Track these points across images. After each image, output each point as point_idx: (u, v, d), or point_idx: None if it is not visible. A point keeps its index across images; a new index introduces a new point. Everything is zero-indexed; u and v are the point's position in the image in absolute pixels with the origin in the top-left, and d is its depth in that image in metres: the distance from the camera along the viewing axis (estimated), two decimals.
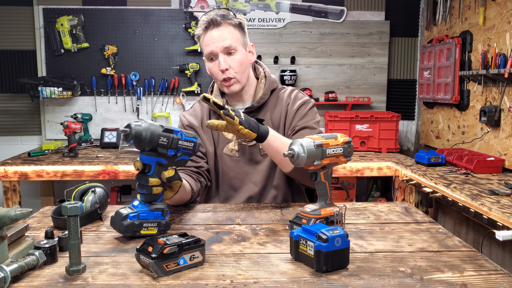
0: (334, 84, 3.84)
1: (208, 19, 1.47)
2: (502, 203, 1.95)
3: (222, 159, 1.59)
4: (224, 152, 1.58)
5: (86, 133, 3.62)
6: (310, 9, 3.74)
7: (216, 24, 1.47)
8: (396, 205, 1.47)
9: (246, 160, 1.57)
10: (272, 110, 1.60)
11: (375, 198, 3.73)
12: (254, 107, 1.56)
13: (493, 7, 2.75)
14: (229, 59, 1.48)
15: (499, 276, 0.92)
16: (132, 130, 1.06)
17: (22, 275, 0.90)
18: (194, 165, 1.53)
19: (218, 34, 1.47)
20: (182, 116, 1.66)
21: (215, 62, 1.50)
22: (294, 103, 1.58)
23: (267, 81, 1.61)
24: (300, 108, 1.57)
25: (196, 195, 1.50)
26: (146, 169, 1.13)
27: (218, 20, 1.46)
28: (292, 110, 1.57)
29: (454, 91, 3.10)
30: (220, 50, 1.47)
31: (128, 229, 1.10)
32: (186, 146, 1.16)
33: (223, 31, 1.47)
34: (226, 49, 1.47)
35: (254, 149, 1.57)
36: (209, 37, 1.47)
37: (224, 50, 1.47)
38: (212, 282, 0.89)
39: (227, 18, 1.48)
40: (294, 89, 1.65)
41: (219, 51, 1.47)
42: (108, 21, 3.64)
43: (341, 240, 0.93)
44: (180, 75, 3.72)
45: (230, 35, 1.48)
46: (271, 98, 1.61)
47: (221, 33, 1.47)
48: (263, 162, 1.57)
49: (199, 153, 1.56)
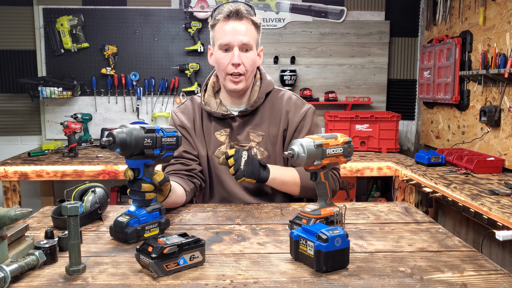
0: (334, 84, 3.84)
1: (232, 9, 1.43)
2: (502, 203, 1.95)
3: (214, 161, 1.56)
4: (216, 154, 1.56)
5: (86, 133, 3.62)
6: (310, 9, 3.74)
7: (239, 17, 1.44)
8: (396, 205, 1.47)
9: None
10: (269, 116, 1.56)
11: (375, 198, 3.73)
12: (248, 110, 1.53)
13: (493, 7, 2.75)
14: (243, 56, 1.45)
15: (499, 276, 0.92)
16: (116, 139, 1.03)
17: (22, 275, 0.90)
18: (185, 168, 1.51)
19: (239, 27, 1.44)
20: (174, 114, 1.61)
21: (228, 54, 1.45)
22: (296, 112, 1.56)
23: (262, 83, 1.57)
24: (303, 120, 1.56)
25: (191, 195, 1.49)
26: (136, 173, 1.11)
27: (243, 13, 1.44)
28: (295, 121, 1.55)
29: (454, 91, 3.10)
30: (238, 44, 1.44)
31: (132, 236, 1.09)
32: (170, 142, 1.16)
33: (244, 25, 1.44)
34: (244, 45, 1.45)
35: None
36: (230, 27, 1.44)
37: (241, 46, 1.45)
38: (212, 282, 0.89)
39: (250, 14, 1.46)
40: (292, 94, 1.62)
41: (235, 45, 1.44)
42: (108, 21, 3.64)
43: (341, 240, 0.93)
44: (180, 75, 3.72)
45: (249, 32, 1.45)
46: (267, 102, 1.58)
47: (242, 27, 1.44)
48: None
49: (190, 155, 1.54)
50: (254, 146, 1.55)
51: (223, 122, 1.56)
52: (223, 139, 1.55)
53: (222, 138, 1.55)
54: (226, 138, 1.55)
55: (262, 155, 1.55)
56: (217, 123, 1.56)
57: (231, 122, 1.55)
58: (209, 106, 1.56)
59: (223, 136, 1.55)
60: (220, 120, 1.56)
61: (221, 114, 1.53)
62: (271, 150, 1.56)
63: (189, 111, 1.60)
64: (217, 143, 1.56)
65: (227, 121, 1.55)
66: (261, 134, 1.55)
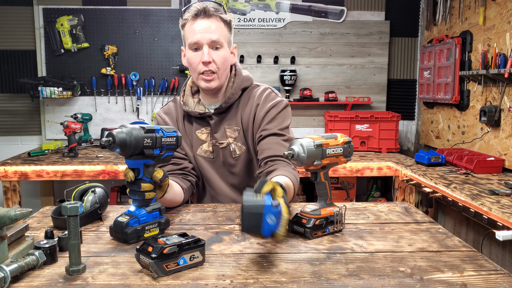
0: (334, 84, 3.84)
1: (200, 7, 1.42)
2: (502, 203, 1.95)
3: (198, 160, 1.57)
4: (198, 153, 1.56)
5: (86, 133, 3.62)
6: (310, 9, 3.74)
7: (207, 15, 1.42)
8: (396, 205, 1.47)
9: (220, 162, 1.56)
10: (242, 110, 1.54)
11: (375, 198, 3.73)
12: (222, 107, 1.52)
13: (493, 7, 2.75)
14: (214, 53, 1.44)
15: (499, 276, 0.92)
16: (116, 139, 1.03)
17: (22, 275, 0.90)
18: (177, 167, 1.52)
19: (208, 25, 1.42)
20: (158, 116, 1.62)
21: (198, 53, 1.44)
22: (264, 104, 1.51)
23: (236, 79, 1.54)
24: (269, 111, 1.49)
25: (189, 192, 1.50)
26: (135, 173, 1.11)
27: (210, 11, 1.42)
28: (261, 113, 1.50)
29: (454, 91, 3.10)
30: (207, 42, 1.41)
31: (132, 236, 1.09)
32: (170, 142, 1.16)
33: (212, 23, 1.43)
34: (213, 42, 1.42)
35: (225, 151, 1.54)
36: (198, 25, 1.42)
37: (210, 43, 1.42)
38: (212, 282, 0.89)
39: (219, 11, 1.44)
40: (267, 88, 1.57)
41: (205, 43, 1.42)
42: (108, 21, 3.64)
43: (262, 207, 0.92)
44: (180, 75, 3.72)
45: (218, 30, 1.43)
46: (243, 97, 1.55)
47: (211, 25, 1.42)
48: (236, 165, 1.55)
49: (180, 154, 1.54)
50: (232, 142, 1.54)
51: (202, 121, 1.56)
52: (204, 137, 1.55)
53: (203, 137, 1.55)
54: (207, 136, 1.55)
55: (240, 150, 1.54)
56: (197, 123, 1.57)
57: (209, 120, 1.54)
58: (187, 106, 1.56)
59: (204, 134, 1.56)
60: (199, 119, 1.56)
61: (197, 113, 1.53)
62: (250, 144, 1.54)
63: (171, 112, 1.61)
64: (199, 142, 1.56)
65: (205, 120, 1.55)
66: (236, 129, 1.53)
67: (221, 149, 1.54)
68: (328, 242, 1.11)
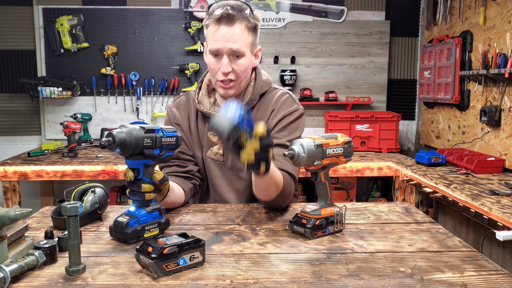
0: (334, 84, 3.84)
1: (223, 12, 1.34)
2: (502, 203, 1.95)
3: (206, 162, 1.54)
4: (208, 155, 1.53)
5: (86, 133, 3.62)
6: (310, 9, 3.73)
7: (230, 21, 1.35)
8: (396, 205, 1.47)
9: (229, 165, 1.52)
10: (258, 114, 1.51)
11: (375, 198, 3.73)
12: None
13: (494, 7, 2.75)
14: (234, 62, 1.39)
15: (499, 276, 0.92)
16: (116, 139, 1.02)
17: (21, 275, 0.90)
18: (182, 170, 1.49)
19: (230, 33, 1.35)
20: (169, 110, 1.57)
21: (218, 60, 1.40)
22: (279, 111, 1.49)
23: (256, 84, 1.51)
24: (282, 119, 1.47)
25: (190, 195, 1.48)
26: (135, 173, 1.11)
27: (233, 17, 1.35)
28: (274, 119, 1.48)
29: (454, 91, 3.10)
30: (227, 52, 1.36)
31: (132, 236, 1.09)
32: (170, 142, 1.15)
33: (235, 30, 1.35)
34: (234, 52, 1.37)
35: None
36: (219, 33, 1.36)
37: (231, 53, 1.38)
38: (212, 282, 0.88)
39: (243, 15, 1.37)
40: (285, 93, 1.53)
41: (225, 52, 1.37)
42: (108, 21, 3.64)
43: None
44: (180, 75, 3.72)
45: (241, 37, 1.37)
46: (260, 101, 1.52)
47: (233, 33, 1.35)
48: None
49: (186, 156, 1.52)
50: None
51: None
52: (216, 139, 1.52)
53: (215, 139, 1.52)
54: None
55: None
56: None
57: None
58: (202, 105, 1.53)
59: (217, 136, 1.54)
60: None
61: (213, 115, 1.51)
62: None
63: (184, 107, 1.57)
64: (210, 143, 1.53)
65: None
66: None
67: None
68: (328, 242, 1.11)
